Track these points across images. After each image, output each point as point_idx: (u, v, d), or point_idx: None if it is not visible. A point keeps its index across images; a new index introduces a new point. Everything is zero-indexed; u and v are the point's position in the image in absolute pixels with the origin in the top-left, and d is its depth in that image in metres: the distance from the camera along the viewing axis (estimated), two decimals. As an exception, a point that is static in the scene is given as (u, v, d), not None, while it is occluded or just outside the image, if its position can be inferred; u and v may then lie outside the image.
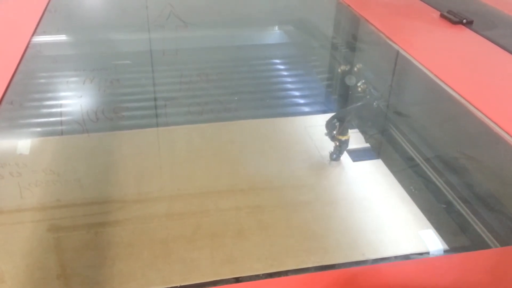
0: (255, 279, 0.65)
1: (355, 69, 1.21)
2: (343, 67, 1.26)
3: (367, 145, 0.98)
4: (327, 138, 0.99)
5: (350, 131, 0.99)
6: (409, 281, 0.56)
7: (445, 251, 0.71)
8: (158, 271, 0.68)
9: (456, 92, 0.91)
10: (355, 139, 1.00)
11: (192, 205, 0.82)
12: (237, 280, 0.66)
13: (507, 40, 1.11)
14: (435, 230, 0.76)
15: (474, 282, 0.56)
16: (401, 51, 1.10)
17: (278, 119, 1.08)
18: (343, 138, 0.96)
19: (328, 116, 1.01)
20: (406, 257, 0.70)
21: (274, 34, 1.54)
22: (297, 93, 1.22)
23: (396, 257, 0.70)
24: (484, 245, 0.73)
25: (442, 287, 0.55)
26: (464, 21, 1.21)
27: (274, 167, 0.92)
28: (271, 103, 1.18)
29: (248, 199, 0.83)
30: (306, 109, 1.15)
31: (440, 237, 0.74)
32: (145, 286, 0.65)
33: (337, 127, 0.98)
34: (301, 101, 1.19)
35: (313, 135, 1.01)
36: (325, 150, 0.96)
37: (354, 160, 0.93)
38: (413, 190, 0.85)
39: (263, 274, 0.66)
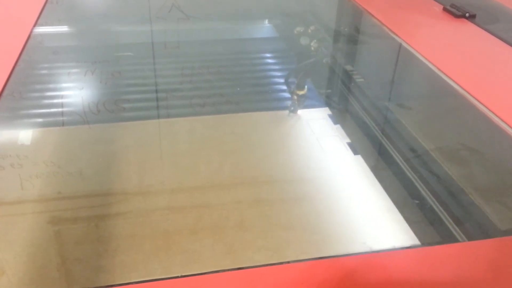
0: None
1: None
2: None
3: (371, 138, 0.99)
4: (329, 132, 0.99)
5: (357, 125, 1.02)
6: (407, 270, 0.56)
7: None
8: (160, 262, 0.68)
9: (459, 85, 0.91)
10: (358, 132, 1.00)
11: (193, 197, 0.82)
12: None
13: (509, 34, 1.11)
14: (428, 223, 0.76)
15: (473, 272, 0.56)
16: (404, 44, 1.10)
17: (280, 112, 1.08)
18: (300, 92, 1.04)
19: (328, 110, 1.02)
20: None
21: (276, 27, 1.53)
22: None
23: (395, 249, 0.70)
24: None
25: (440, 276, 0.55)
26: (467, 15, 1.20)
27: (275, 160, 0.92)
28: (272, 96, 1.17)
29: (249, 191, 0.83)
30: (308, 102, 1.15)
31: (436, 229, 0.75)
32: (146, 276, 0.66)
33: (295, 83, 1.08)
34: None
35: (315, 128, 1.01)
36: (327, 144, 0.96)
37: (355, 154, 0.93)
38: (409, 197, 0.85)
39: (263, 265, 0.66)
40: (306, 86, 1.05)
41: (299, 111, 1.06)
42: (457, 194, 0.83)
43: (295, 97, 1.02)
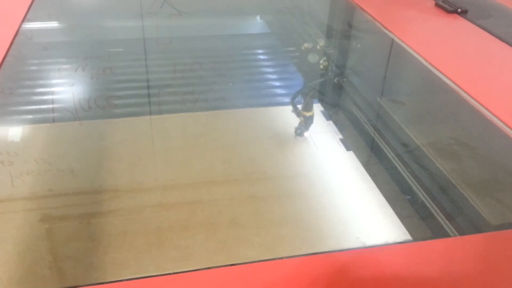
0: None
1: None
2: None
3: (363, 134, 0.99)
4: (322, 128, 0.99)
5: (349, 121, 1.02)
6: (400, 265, 0.56)
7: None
8: (152, 258, 0.67)
9: (451, 80, 0.92)
10: (350, 128, 1.00)
11: (186, 193, 0.81)
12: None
13: (501, 29, 1.12)
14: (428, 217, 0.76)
15: (464, 266, 0.56)
16: (396, 40, 1.10)
17: (273, 108, 1.08)
18: (308, 114, 0.99)
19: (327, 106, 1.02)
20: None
21: (268, 23, 1.53)
22: (291, 83, 1.21)
23: (388, 244, 0.71)
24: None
25: (432, 270, 0.55)
26: (459, 10, 1.21)
27: (268, 156, 0.92)
28: (265, 92, 1.17)
29: (242, 187, 0.83)
30: (299, 99, 1.15)
31: (427, 224, 0.75)
32: (138, 273, 0.65)
33: (302, 103, 1.02)
34: (295, 90, 1.19)
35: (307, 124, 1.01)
36: (319, 140, 0.96)
37: (348, 150, 0.94)
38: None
39: (256, 261, 0.66)
40: (313, 107, 1.02)
41: (289, 106, 1.06)
42: (449, 189, 0.84)
43: (302, 119, 0.99)
